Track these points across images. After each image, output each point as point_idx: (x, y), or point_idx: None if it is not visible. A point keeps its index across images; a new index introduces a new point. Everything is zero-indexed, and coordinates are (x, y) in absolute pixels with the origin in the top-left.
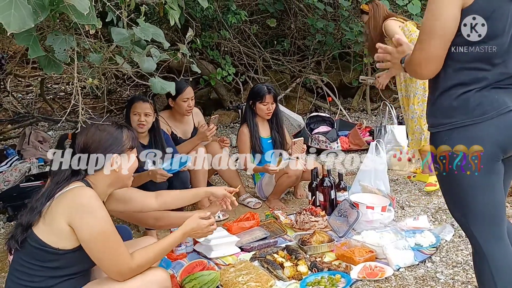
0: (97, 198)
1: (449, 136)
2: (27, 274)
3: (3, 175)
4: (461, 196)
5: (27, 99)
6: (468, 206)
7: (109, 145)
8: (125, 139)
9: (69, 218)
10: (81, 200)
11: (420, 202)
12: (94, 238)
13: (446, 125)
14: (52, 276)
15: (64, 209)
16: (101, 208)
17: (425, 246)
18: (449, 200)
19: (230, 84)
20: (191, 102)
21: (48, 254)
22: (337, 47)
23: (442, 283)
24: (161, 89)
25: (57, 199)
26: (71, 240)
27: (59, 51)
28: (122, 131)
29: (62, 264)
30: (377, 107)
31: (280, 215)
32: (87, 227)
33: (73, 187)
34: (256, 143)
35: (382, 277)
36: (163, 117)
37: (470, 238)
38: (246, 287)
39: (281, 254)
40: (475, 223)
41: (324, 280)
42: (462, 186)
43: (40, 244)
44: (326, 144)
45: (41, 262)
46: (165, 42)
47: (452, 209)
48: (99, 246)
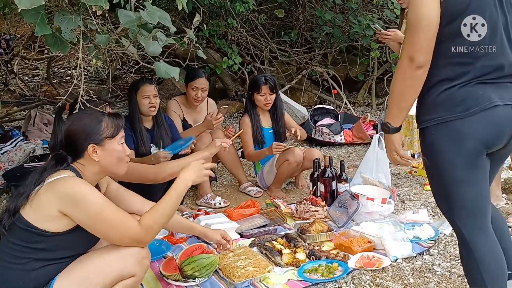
0: (86, 184)
1: (434, 131)
2: (13, 256)
3: (8, 154)
4: (446, 189)
5: (34, 82)
6: (453, 199)
7: (86, 135)
8: (104, 129)
9: (61, 206)
10: (72, 189)
11: (421, 196)
12: (93, 220)
13: (431, 120)
14: (38, 258)
15: (55, 197)
16: (91, 191)
17: (423, 239)
18: (435, 193)
19: (236, 74)
20: (200, 92)
21: (34, 235)
22: (344, 40)
23: (439, 275)
24: (165, 74)
25: (46, 185)
26: (59, 224)
27: (66, 31)
28: (101, 121)
29: (48, 246)
30: (382, 102)
31: (280, 204)
32: (83, 212)
33: (62, 176)
34: (258, 132)
35: (379, 267)
36: (177, 101)
37: (455, 230)
38: (244, 272)
39: (280, 242)
40: (460, 215)
41: (322, 268)
42: (447, 180)
43: (26, 225)
44: (330, 137)
45: (27, 243)
46: (172, 26)
47: (438, 201)
48: (101, 226)
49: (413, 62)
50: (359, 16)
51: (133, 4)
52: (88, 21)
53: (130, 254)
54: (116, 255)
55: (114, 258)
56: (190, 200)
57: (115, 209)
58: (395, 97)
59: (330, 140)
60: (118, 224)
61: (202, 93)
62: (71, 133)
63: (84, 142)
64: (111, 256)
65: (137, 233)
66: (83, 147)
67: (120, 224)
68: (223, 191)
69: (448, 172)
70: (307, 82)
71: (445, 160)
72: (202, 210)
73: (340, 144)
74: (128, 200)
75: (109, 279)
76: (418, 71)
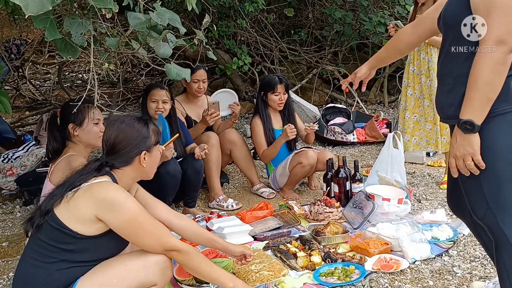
0: (122, 189)
1: (487, 125)
2: (41, 254)
3: (20, 159)
4: (495, 188)
5: (45, 86)
6: (503, 198)
7: (138, 142)
8: (151, 135)
9: (97, 211)
10: (108, 195)
11: (438, 195)
12: (127, 226)
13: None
14: (64, 259)
15: (92, 202)
16: (127, 198)
17: (442, 240)
18: (477, 195)
19: (246, 75)
20: (202, 84)
21: (65, 236)
22: (355, 38)
23: (459, 277)
24: (177, 75)
25: (83, 189)
26: (92, 228)
27: (75, 35)
28: (148, 127)
29: (77, 248)
30: (395, 100)
31: (294, 205)
32: (118, 218)
33: (100, 181)
34: (270, 134)
35: (397, 269)
36: (178, 100)
37: (494, 230)
38: (259, 276)
39: (294, 244)
40: (503, 214)
41: (338, 271)
42: (500, 178)
43: (59, 225)
44: (342, 136)
45: (56, 243)
46: (182, 27)
47: (478, 205)
48: (135, 232)
49: (505, 45)
50: (370, 13)
51: (142, 6)
52: (98, 25)
53: (154, 262)
54: (140, 263)
55: (138, 266)
56: (202, 202)
57: (149, 216)
58: (481, 88)
59: (343, 140)
60: (152, 231)
61: (203, 84)
62: (123, 140)
63: (135, 148)
64: (135, 263)
65: (168, 243)
66: (134, 154)
67: (154, 231)
68: (236, 193)
69: (504, 170)
70: (318, 81)
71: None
72: (215, 213)
73: (353, 143)
74: (155, 207)
75: (131, 285)
76: (509, 55)
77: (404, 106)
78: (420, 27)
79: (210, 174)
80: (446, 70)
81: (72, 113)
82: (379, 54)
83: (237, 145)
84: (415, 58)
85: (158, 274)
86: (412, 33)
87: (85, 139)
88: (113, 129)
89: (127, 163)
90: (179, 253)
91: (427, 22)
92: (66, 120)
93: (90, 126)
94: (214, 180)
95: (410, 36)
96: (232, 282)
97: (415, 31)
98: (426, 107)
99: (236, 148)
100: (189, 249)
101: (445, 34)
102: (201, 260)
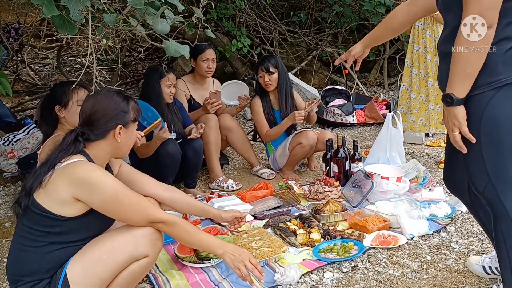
0: (98, 168)
1: (495, 95)
2: (29, 239)
3: (21, 142)
4: (504, 160)
5: (44, 71)
6: (505, 171)
7: (115, 115)
8: (130, 111)
9: (75, 192)
10: (85, 175)
11: (436, 174)
12: (109, 203)
13: (492, 83)
14: (53, 241)
15: (68, 183)
16: (104, 176)
17: (440, 217)
18: (479, 168)
19: (245, 57)
20: (211, 63)
21: (49, 220)
22: (355, 19)
23: (457, 252)
24: (175, 52)
25: (58, 171)
26: (74, 209)
27: (73, 12)
28: (128, 102)
29: (63, 230)
30: (394, 82)
31: (293, 185)
32: (97, 197)
33: (73, 161)
34: (270, 113)
35: (396, 245)
36: (184, 81)
37: (496, 205)
38: (259, 252)
39: (294, 222)
40: (504, 187)
41: (337, 247)
42: (508, 149)
43: (41, 210)
44: (342, 117)
45: (42, 227)
46: (180, 4)
47: (479, 178)
48: (118, 208)
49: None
50: None
51: None
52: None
53: (142, 235)
54: (128, 236)
55: (125, 239)
56: (202, 184)
57: (129, 191)
58: (459, 63)
59: (342, 121)
60: (134, 205)
61: (212, 64)
62: (99, 110)
63: (111, 121)
64: (123, 237)
65: (152, 215)
66: (110, 126)
67: (136, 206)
68: (235, 174)
69: (509, 142)
70: (317, 64)
71: (507, 125)
72: (215, 193)
73: (353, 124)
74: (141, 182)
75: (122, 259)
76: (488, 31)
77: (407, 87)
78: (415, 5)
79: (209, 156)
80: (442, 47)
81: (58, 95)
82: (373, 32)
83: (233, 130)
84: (420, 37)
85: (148, 246)
86: (407, 11)
87: (70, 121)
88: (91, 100)
89: (102, 136)
90: (165, 225)
91: (421, 0)
92: (53, 102)
93: (74, 107)
94: (214, 162)
95: (405, 14)
96: (222, 249)
97: (410, 9)
98: (430, 86)
99: (231, 133)
100: (175, 219)
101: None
102: (189, 229)
